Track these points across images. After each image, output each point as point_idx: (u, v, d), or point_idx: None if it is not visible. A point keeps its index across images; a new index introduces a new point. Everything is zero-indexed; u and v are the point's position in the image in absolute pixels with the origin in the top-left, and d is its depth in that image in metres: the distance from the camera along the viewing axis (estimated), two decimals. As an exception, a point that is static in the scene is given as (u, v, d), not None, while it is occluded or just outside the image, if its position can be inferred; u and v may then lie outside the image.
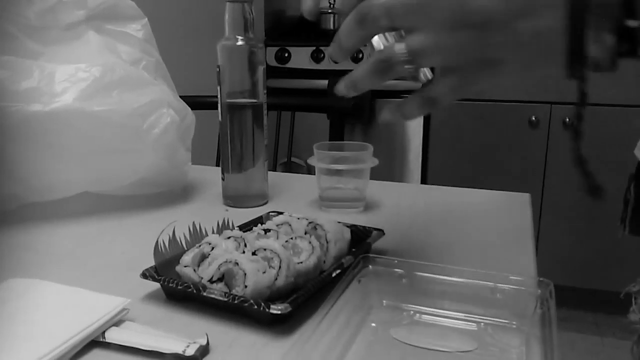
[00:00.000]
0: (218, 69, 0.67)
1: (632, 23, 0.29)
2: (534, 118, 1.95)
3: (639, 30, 0.30)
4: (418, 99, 0.37)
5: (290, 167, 1.34)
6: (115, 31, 0.68)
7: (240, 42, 0.65)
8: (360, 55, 1.98)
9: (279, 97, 1.28)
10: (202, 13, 1.81)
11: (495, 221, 0.65)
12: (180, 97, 0.74)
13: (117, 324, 0.40)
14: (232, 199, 0.70)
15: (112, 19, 0.69)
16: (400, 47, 0.34)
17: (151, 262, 0.46)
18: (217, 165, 1.22)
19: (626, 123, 1.84)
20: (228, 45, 0.66)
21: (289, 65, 2.24)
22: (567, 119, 1.92)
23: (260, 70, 0.67)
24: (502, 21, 0.32)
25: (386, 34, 0.38)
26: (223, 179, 0.71)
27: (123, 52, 0.67)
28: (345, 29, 0.36)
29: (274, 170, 1.36)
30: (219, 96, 0.68)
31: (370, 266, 0.44)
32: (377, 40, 0.38)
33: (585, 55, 0.31)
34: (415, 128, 2.09)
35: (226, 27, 0.65)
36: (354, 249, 0.50)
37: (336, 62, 0.36)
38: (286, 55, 2.25)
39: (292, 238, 0.47)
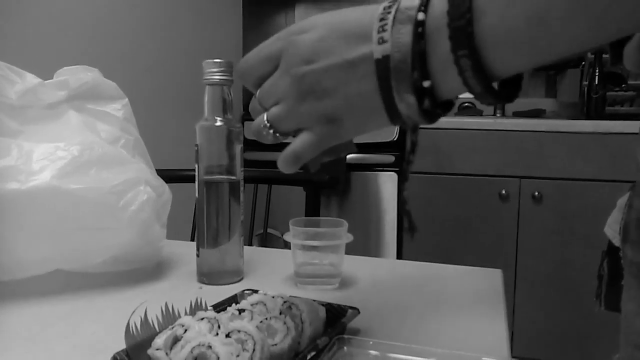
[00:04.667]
0: (196, 148, 0.68)
1: (425, 83, 0.35)
2: (504, 192, 2.01)
3: (433, 89, 0.35)
4: (288, 157, 0.44)
5: (266, 239, 1.34)
6: (96, 110, 0.70)
7: (219, 123, 0.67)
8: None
9: (256, 170, 1.30)
10: (182, 94, 1.86)
11: (468, 298, 0.66)
12: (157, 170, 0.75)
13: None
14: (207, 276, 0.70)
15: (93, 98, 0.71)
16: (262, 117, 0.45)
17: (122, 345, 0.45)
18: (192, 239, 1.21)
19: (597, 198, 1.90)
20: (207, 125, 0.68)
21: (266, 138, 2.29)
22: (536, 193, 1.98)
23: (238, 148, 0.69)
24: (333, 89, 0.39)
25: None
26: (198, 255, 0.70)
27: (102, 131, 0.68)
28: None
29: (250, 241, 1.35)
30: (196, 173, 0.69)
31: (345, 348, 0.44)
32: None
33: (399, 112, 0.37)
34: (389, 201, 2.13)
35: (205, 108, 0.67)
36: (329, 329, 0.50)
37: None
38: (263, 129, 2.30)
39: (266, 318, 0.47)
